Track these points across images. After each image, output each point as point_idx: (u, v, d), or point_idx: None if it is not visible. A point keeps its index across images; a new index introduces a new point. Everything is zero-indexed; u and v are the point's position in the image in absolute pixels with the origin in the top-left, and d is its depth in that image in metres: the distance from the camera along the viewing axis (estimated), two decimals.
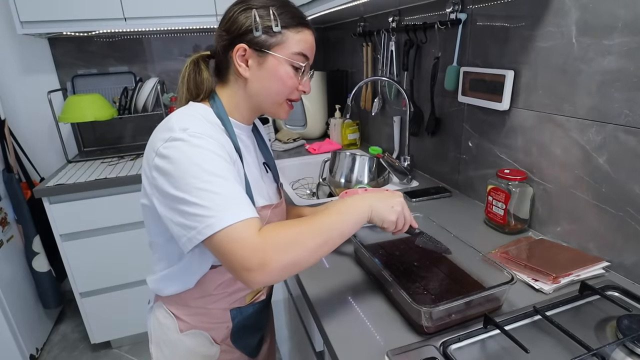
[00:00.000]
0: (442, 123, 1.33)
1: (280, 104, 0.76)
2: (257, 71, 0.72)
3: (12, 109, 1.98)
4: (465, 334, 0.64)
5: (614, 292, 0.73)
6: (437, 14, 1.27)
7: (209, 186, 0.59)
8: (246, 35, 0.70)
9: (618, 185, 0.78)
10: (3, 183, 1.78)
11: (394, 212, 0.70)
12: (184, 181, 0.59)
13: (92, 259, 1.73)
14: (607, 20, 0.76)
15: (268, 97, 0.74)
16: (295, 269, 0.60)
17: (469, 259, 0.80)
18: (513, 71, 0.98)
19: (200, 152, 0.61)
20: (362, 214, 0.67)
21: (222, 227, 0.57)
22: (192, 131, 0.63)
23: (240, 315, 0.84)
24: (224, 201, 0.59)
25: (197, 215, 0.58)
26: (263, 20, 0.69)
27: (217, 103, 0.74)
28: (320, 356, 0.94)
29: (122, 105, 1.97)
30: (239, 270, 0.57)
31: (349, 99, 1.42)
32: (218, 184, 0.60)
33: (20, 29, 1.64)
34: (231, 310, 0.82)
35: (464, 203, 1.21)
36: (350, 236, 0.67)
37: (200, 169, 0.60)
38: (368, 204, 0.68)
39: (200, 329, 0.81)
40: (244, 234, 0.57)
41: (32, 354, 1.84)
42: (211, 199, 0.58)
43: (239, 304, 0.83)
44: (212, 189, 0.59)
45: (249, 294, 0.84)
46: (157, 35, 2.11)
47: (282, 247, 0.58)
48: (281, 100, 0.75)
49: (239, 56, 0.71)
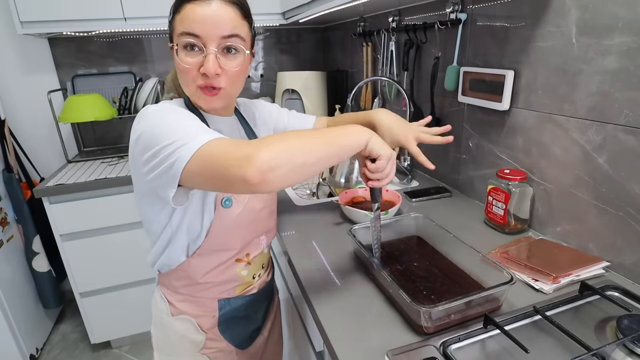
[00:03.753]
0: (442, 123, 1.33)
1: (194, 93, 0.71)
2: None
3: (12, 109, 1.98)
4: (465, 334, 0.64)
5: (614, 292, 0.73)
6: (437, 14, 1.27)
7: (177, 128, 0.60)
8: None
9: (618, 185, 0.78)
10: (3, 183, 1.78)
11: (389, 150, 0.68)
12: (155, 138, 0.61)
13: (92, 259, 1.73)
14: (607, 20, 0.75)
15: (185, 89, 0.73)
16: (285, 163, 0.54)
17: (468, 259, 0.80)
18: (513, 71, 0.98)
19: (162, 112, 0.65)
20: (362, 135, 0.66)
21: (200, 145, 0.57)
22: (158, 105, 0.67)
23: (228, 305, 0.86)
24: (194, 130, 0.60)
25: (174, 150, 0.58)
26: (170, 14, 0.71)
27: (184, 96, 0.77)
28: (320, 356, 0.94)
29: (122, 105, 1.97)
30: (229, 171, 0.54)
31: (349, 99, 1.42)
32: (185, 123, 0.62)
33: (20, 29, 1.64)
34: (219, 300, 0.85)
35: (464, 203, 1.21)
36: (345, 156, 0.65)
37: (166, 121, 0.62)
38: (370, 132, 0.67)
39: (187, 315, 0.84)
40: (223, 142, 0.57)
41: (32, 354, 1.84)
42: (181, 134, 0.59)
43: (227, 295, 0.86)
44: (181, 126, 0.61)
45: (239, 285, 0.86)
46: (157, 35, 2.11)
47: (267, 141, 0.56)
48: (192, 89, 0.71)
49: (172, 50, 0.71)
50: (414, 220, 0.96)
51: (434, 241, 0.91)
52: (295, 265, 0.90)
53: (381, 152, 0.67)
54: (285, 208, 1.23)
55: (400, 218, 0.96)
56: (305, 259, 0.93)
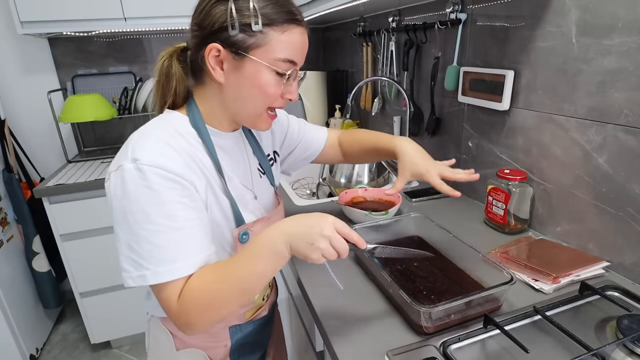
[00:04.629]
0: (442, 123, 1.33)
1: (260, 114, 0.66)
2: (234, 76, 0.62)
3: (12, 109, 1.98)
4: (465, 334, 0.64)
5: (614, 292, 0.73)
6: (437, 14, 1.27)
7: (147, 234, 0.56)
8: (221, 33, 0.59)
9: (618, 185, 0.78)
10: (3, 183, 1.78)
11: (315, 250, 0.56)
12: (126, 222, 0.56)
13: (92, 259, 1.73)
14: (607, 20, 0.75)
15: (245, 107, 0.65)
16: (221, 321, 0.64)
17: (468, 259, 0.80)
18: (513, 71, 0.98)
19: (146, 193, 0.55)
20: (281, 254, 0.57)
21: (153, 283, 0.57)
22: (142, 163, 0.55)
23: (239, 332, 0.79)
24: (159, 255, 0.56)
25: (134, 261, 0.57)
26: (241, 15, 0.58)
27: (194, 110, 0.66)
28: (320, 356, 0.94)
29: (122, 105, 1.97)
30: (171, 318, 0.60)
31: (349, 98, 1.42)
32: (159, 232, 0.56)
33: (20, 29, 1.64)
34: (230, 327, 0.78)
35: (464, 203, 1.21)
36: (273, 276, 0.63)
37: (143, 212, 0.55)
38: (286, 242, 0.57)
39: (196, 347, 0.77)
40: (169, 297, 0.58)
41: (32, 354, 1.84)
42: (149, 250, 0.56)
43: (238, 322, 0.79)
44: (151, 239, 0.56)
45: (249, 310, 0.80)
46: (157, 35, 2.11)
47: (202, 310, 0.58)
48: (260, 111, 0.66)
49: (212, 57, 0.61)
50: (413, 220, 0.96)
51: (434, 241, 0.91)
52: (295, 265, 0.90)
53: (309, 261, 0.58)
54: (286, 208, 1.23)
55: (400, 218, 0.96)
56: None
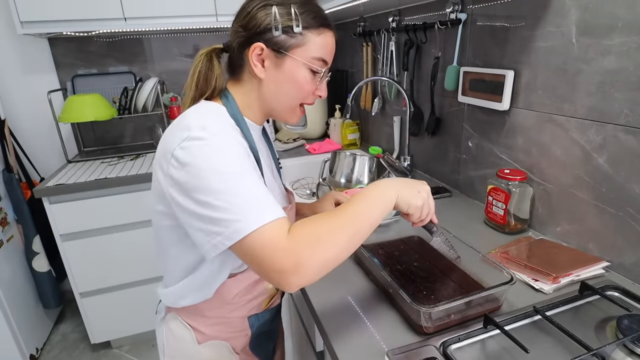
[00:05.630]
0: (442, 123, 1.33)
1: (294, 108, 0.73)
2: (274, 73, 0.68)
3: (12, 109, 1.97)
4: (465, 334, 0.64)
5: (614, 292, 0.73)
6: (437, 14, 1.27)
7: (232, 188, 0.56)
8: (264, 34, 0.66)
9: (618, 185, 0.78)
10: (3, 183, 1.78)
11: (420, 198, 0.66)
12: (206, 184, 0.56)
13: (92, 259, 1.72)
14: (607, 20, 0.76)
15: (282, 101, 0.71)
16: (329, 266, 0.58)
17: (468, 259, 0.80)
18: (513, 71, 0.98)
19: (221, 152, 0.58)
20: (389, 199, 0.64)
21: (251, 231, 0.54)
22: (210, 129, 0.59)
23: (258, 321, 0.81)
24: (249, 202, 0.56)
25: (222, 220, 0.55)
26: (283, 19, 0.65)
27: (231, 102, 0.70)
28: (320, 356, 0.94)
29: (122, 105, 1.97)
30: (273, 274, 0.55)
31: (349, 99, 1.42)
32: (242, 184, 0.57)
33: (20, 29, 1.64)
34: (249, 317, 0.80)
35: (464, 203, 1.21)
36: (378, 224, 0.64)
37: (221, 170, 0.57)
38: (394, 189, 0.65)
39: (219, 339, 0.78)
40: (274, 235, 0.55)
41: (32, 354, 1.84)
42: (236, 202, 0.55)
43: (256, 311, 0.80)
44: (236, 191, 0.56)
45: (265, 299, 0.81)
46: (157, 35, 2.11)
47: (314, 245, 0.56)
48: (295, 105, 0.73)
49: (255, 55, 0.67)
50: None
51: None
52: None
53: (410, 209, 0.66)
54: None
55: (400, 218, 0.96)
56: None
